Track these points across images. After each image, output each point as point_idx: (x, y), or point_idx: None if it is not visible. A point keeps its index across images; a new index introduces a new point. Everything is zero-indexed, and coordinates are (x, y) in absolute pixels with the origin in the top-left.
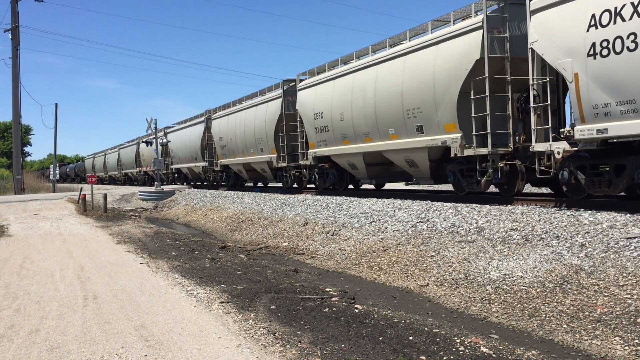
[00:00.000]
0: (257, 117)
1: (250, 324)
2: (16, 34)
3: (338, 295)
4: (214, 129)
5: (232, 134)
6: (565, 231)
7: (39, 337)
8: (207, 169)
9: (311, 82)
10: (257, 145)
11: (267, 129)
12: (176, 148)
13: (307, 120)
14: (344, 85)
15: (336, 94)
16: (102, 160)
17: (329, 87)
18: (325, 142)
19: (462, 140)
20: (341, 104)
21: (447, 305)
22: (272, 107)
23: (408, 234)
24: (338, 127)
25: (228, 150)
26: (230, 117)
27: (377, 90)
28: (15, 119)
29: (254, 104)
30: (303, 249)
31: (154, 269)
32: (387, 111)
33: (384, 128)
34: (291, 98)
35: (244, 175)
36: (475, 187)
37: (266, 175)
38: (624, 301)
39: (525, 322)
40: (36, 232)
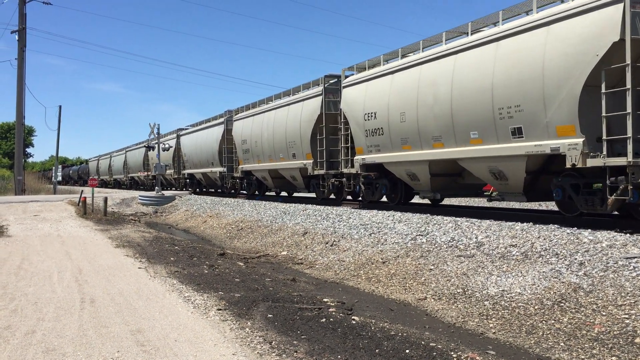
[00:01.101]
0: (290, 118)
1: (246, 332)
2: (23, 36)
3: (335, 305)
4: (235, 131)
5: (258, 137)
6: (564, 249)
7: (35, 339)
8: (225, 175)
9: (361, 78)
10: (289, 149)
11: (303, 132)
12: (190, 152)
13: (354, 122)
14: (407, 79)
15: (395, 91)
16: (107, 163)
17: (385, 82)
18: (378, 148)
19: (585, 147)
20: (402, 102)
21: (444, 319)
22: (309, 107)
23: (407, 246)
24: (397, 129)
25: (252, 155)
26: (256, 118)
27: (455, 84)
28: (19, 120)
29: (286, 103)
30: (302, 259)
31: (152, 274)
32: (468, 110)
33: (463, 131)
34: (332, 96)
35: (269, 183)
36: (599, 208)
37: (296, 183)
38: (621, 321)
39: (523, 339)
40: (35, 233)
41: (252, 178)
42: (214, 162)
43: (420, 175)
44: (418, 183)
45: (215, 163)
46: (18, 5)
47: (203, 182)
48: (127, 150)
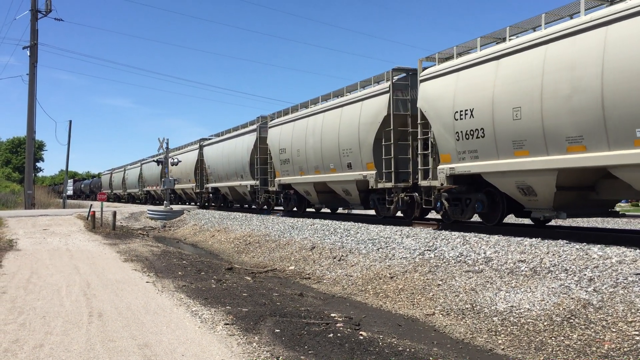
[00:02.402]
0: (344, 122)
1: (254, 346)
2: (34, 51)
3: (343, 321)
4: (271, 139)
5: (300, 145)
6: (574, 265)
7: (43, 353)
8: (258, 189)
9: (449, 68)
10: (343, 158)
11: (363, 137)
12: (215, 163)
13: (439, 123)
14: (524, 64)
15: (504, 80)
16: (120, 177)
17: (487, 71)
18: (474, 154)
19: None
20: (516, 94)
21: (452, 335)
22: (372, 107)
23: (415, 261)
24: (506, 129)
25: (292, 166)
26: (298, 124)
27: (610, 65)
28: (29, 135)
29: (339, 104)
30: (309, 273)
31: (159, 288)
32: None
33: (622, 129)
34: (401, 94)
35: (313, 198)
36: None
37: (349, 199)
38: (632, 338)
39: (532, 355)
40: (44, 247)
41: (289, 192)
42: (243, 174)
43: (540, 188)
44: (533, 199)
45: (246, 176)
46: (30, 22)
47: (229, 196)
48: (142, 162)
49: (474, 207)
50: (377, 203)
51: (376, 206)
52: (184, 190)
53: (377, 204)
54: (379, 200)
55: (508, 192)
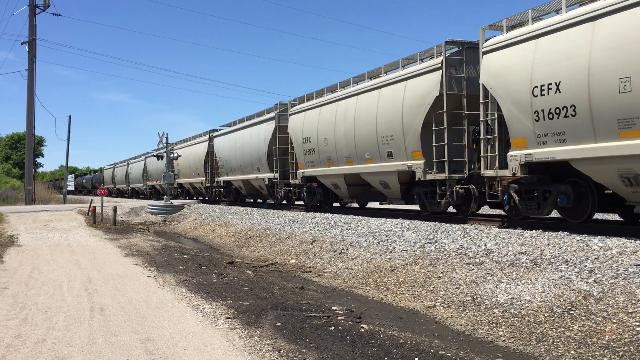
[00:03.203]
0: (383, 105)
1: (255, 340)
2: (33, 47)
3: (344, 314)
4: (293, 128)
5: (329, 133)
6: (574, 256)
7: (45, 348)
8: (277, 183)
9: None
10: (382, 147)
11: (408, 121)
12: (227, 156)
13: (510, 101)
14: None
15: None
16: (123, 171)
17: (581, 34)
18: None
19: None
20: (623, 63)
21: (453, 327)
22: (419, 86)
23: (416, 254)
24: (609, 105)
25: (318, 157)
26: (326, 110)
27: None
28: (29, 130)
29: (375, 86)
30: (310, 267)
31: (161, 283)
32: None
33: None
34: (455, 70)
35: (342, 191)
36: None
37: (387, 192)
38: (632, 328)
39: (533, 346)
40: (45, 242)
41: (312, 185)
42: (260, 166)
43: None
44: None
45: (263, 168)
46: (28, 17)
47: (243, 191)
48: (147, 156)
49: (555, 200)
50: (423, 197)
51: (422, 200)
52: (192, 184)
53: (424, 198)
54: (426, 194)
55: (605, 182)
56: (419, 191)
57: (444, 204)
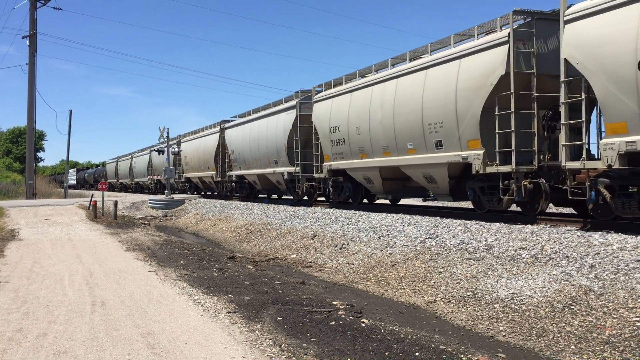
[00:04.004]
0: (431, 89)
1: (256, 334)
2: (34, 41)
3: (345, 308)
4: (318, 116)
5: (362, 121)
6: (575, 251)
7: (47, 342)
8: (298, 177)
9: None
10: (429, 136)
11: (463, 107)
12: (240, 148)
13: (607, 79)
14: None
15: None
16: (127, 165)
17: None
18: None
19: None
20: None
21: (454, 322)
22: (477, 65)
23: (417, 249)
24: None
25: (349, 148)
26: (357, 96)
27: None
28: (30, 125)
29: (419, 66)
30: (311, 262)
31: (162, 277)
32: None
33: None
34: (523, 45)
35: (375, 186)
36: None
37: (432, 187)
38: (633, 324)
39: (533, 342)
40: (46, 237)
41: (338, 180)
42: (278, 160)
43: None
44: None
45: (281, 161)
46: (29, 11)
47: (258, 185)
48: (152, 149)
49: None
50: (478, 193)
51: (477, 197)
52: (201, 178)
53: (479, 194)
54: (483, 190)
55: None
56: (474, 186)
57: (506, 201)
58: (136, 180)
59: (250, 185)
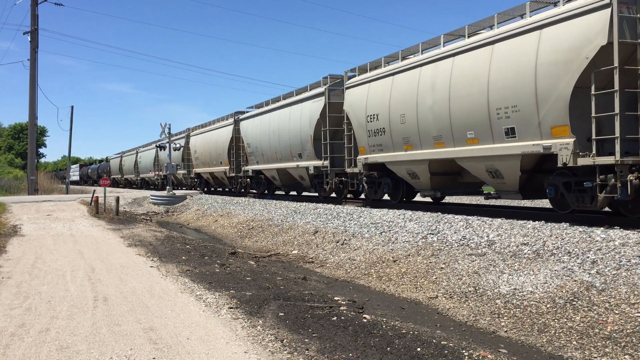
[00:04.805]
0: (499, 66)
1: (258, 330)
2: (35, 37)
3: (347, 304)
4: (351, 104)
5: (406, 107)
6: (576, 247)
7: (49, 337)
8: (326, 172)
9: None
10: (496, 123)
11: (546, 87)
12: (257, 141)
13: None
14: None
15: None
16: (132, 160)
17: None
18: None
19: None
20: None
21: (455, 317)
22: (565, 37)
23: (418, 245)
24: None
25: (390, 139)
26: (400, 80)
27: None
28: (32, 121)
29: (482, 42)
30: (312, 257)
31: (163, 273)
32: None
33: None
34: (627, 9)
35: (421, 182)
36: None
37: (497, 183)
38: (634, 319)
39: (535, 337)
40: (48, 232)
41: (373, 175)
42: (302, 152)
43: None
44: None
45: (306, 154)
46: (30, 7)
47: (277, 181)
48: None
49: None
50: (562, 190)
51: (558, 195)
52: (212, 174)
53: (563, 191)
54: (569, 186)
55: None
56: (556, 182)
57: (602, 200)
58: (142, 176)
59: (268, 181)
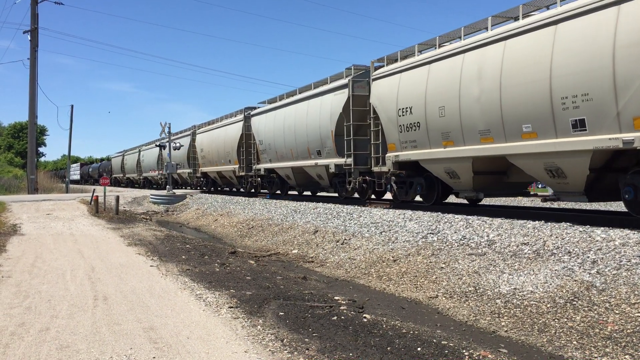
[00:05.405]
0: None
1: (258, 329)
2: (35, 36)
3: (347, 303)
4: (379, 96)
5: (447, 99)
6: (577, 247)
7: (49, 336)
8: (349, 170)
9: None
10: (561, 113)
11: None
12: (270, 138)
13: None
14: None
15: None
16: (134, 159)
17: None
18: None
19: None
20: None
21: (456, 317)
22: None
23: (418, 245)
24: None
25: (427, 134)
26: (438, 68)
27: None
28: (31, 120)
29: (543, 21)
30: (313, 257)
31: (163, 272)
32: None
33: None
34: None
35: (463, 181)
36: None
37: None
38: (635, 319)
39: (535, 337)
40: (48, 231)
41: (401, 174)
42: (322, 150)
43: None
44: None
45: (327, 152)
46: (30, 6)
47: (292, 180)
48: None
49: None
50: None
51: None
52: (220, 173)
53: None
54: None
55: None
56: (636, 182)
57: None
58: (144, 175)
59: (281, 180)
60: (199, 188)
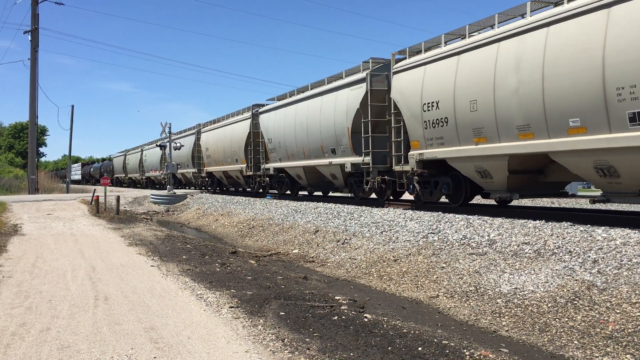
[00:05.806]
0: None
1: (259, 329)
2: (35, 36)
3: (347, 303)
4: (401, 91)
5: (478, 92)
6: (578, 246)
7: (50, 336)
8: (367, 169)
9: None
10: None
11: None
12: (281, 136)
13: None
14: None
15: None
16: (137, 158)
17: None
18: None
19: None
20: None
21: (456, 317)
22: None
23: (419, 244)
24: None
25: (456, 131)
26: (467, 59)
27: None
28: (32, 120)
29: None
30: (313, 257)
31: (164, 272)
32: None
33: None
34: None
35: (496, 181)
36: None
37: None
38: (636, 319)
39: (536, 336)
40: (49, 232)
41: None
42: (337, 148)
43: None
44: None
45: (343, 150)
46: (30, 6)
47: (303, 180)
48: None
49: None
50: None
51: None
52: (226, 173)
53: None
54: None
55: None
56: None
57: None
58: (147, 175)
59: (291, 180)
60: (204, 188)
